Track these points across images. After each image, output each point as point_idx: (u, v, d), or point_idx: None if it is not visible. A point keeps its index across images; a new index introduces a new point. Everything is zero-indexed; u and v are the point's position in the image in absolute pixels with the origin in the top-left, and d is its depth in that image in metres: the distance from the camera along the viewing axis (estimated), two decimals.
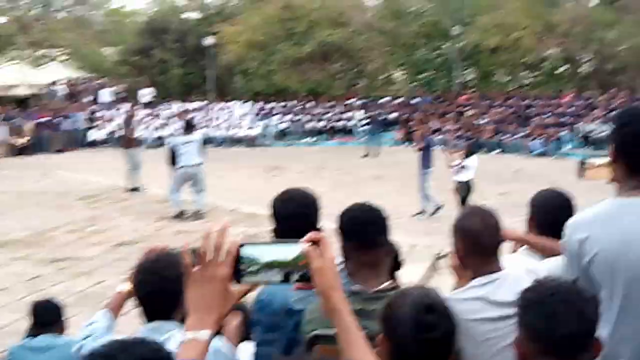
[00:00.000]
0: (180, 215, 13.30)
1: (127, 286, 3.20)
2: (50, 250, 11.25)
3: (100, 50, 40.48)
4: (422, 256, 9.71)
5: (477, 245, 2.80)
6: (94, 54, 39.06)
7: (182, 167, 13.38)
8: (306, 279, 1.67)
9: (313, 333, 2.66)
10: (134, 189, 16.85)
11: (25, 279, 9.50)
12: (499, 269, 2.83)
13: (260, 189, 17.39)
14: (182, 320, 2.74)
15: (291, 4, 36.33)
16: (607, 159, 2.73)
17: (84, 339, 3.08)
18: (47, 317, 4.60)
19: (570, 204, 3.46)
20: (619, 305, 2.47)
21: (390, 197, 14.30)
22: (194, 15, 40.42)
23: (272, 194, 3.20)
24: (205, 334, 1.63)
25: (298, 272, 1.66)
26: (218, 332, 3.41)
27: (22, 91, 33.98)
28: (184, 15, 40.05)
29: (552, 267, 2.86)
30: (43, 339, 4.42)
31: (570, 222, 2.64)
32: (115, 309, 3.26)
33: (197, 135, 13.69)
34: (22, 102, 33.06)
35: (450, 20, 35.71)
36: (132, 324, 3.52)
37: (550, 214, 3.36)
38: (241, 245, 1.65)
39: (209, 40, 35.98)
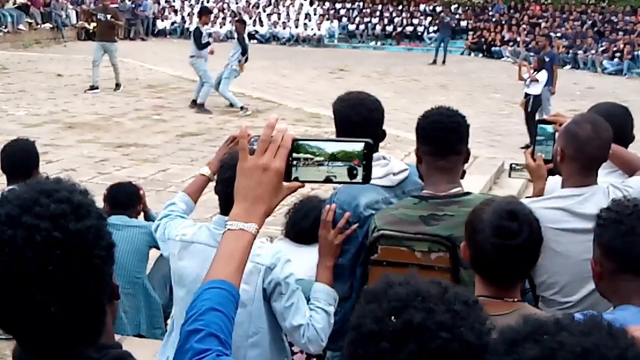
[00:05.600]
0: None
1: (208, 170, 3.17)
2: (116, 135, 11.48)
3: None
4: (484, 168, 9.63)
5: (581, 152, 2.73)
6: None
7: None
8: (369, 176, 1.53)
9: (380, 232, 2.68)
10: (93, 87, 15.38)
11: (93, 162, 9.76)
12: (593, 184, 2.77)
13: (324, 90, 17.32)
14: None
15: None
16: None
17: (162, 218, 3.06)
18: (122, 200, 4.66)
19: (631, 116, 3.40)
20: None
21: (454, 107, 14.09)
22: None
23: (335, 96, 3.02)
24: (252, 227, 1.52)
25: (360, 168, 1.52)
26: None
27: None
28: None
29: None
30: (118, 218, 4.46)
31: None
32: (195, 192, 3.24)
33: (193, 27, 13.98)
34: None
35: None
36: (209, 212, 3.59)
37: (615, 127, 3.29)
38: (296, 140, 1.53)
39: None
